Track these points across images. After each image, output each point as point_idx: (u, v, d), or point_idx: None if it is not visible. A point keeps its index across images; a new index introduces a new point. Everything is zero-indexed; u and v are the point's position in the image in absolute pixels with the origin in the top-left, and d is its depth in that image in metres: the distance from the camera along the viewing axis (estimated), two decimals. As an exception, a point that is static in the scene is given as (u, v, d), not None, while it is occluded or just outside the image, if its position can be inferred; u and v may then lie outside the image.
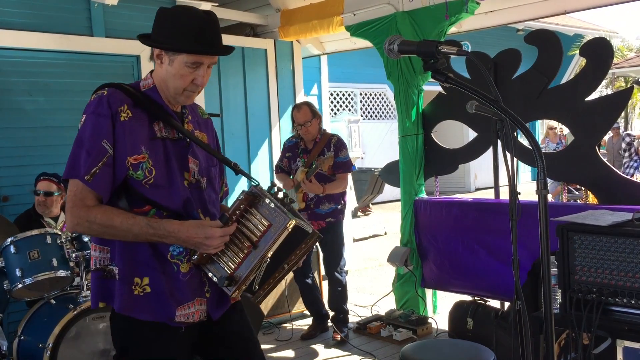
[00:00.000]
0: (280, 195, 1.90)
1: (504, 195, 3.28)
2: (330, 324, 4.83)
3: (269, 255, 1.84)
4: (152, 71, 2.02)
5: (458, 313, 4.28)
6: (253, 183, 1.96)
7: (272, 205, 1.83)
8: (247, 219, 1.87)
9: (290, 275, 4.79)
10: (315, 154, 4.59)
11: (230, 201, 2.07)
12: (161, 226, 1.84)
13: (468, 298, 4.41)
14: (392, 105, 14.51)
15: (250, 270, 1.85)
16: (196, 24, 1.88)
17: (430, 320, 4.75)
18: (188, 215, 1.93)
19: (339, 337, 4.64)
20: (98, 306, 1.95)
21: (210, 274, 1.92)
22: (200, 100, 5.23)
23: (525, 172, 16.31)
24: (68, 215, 1.85)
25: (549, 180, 2.56)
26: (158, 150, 1.92)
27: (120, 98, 1.88)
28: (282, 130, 6.10)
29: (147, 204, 1.89)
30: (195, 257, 1.89)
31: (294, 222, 1.82)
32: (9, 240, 3.47)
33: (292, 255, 1.93)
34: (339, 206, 4.64)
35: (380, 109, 14.74)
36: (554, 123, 10.21)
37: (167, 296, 1.89)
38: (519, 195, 1.64)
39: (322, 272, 5.00)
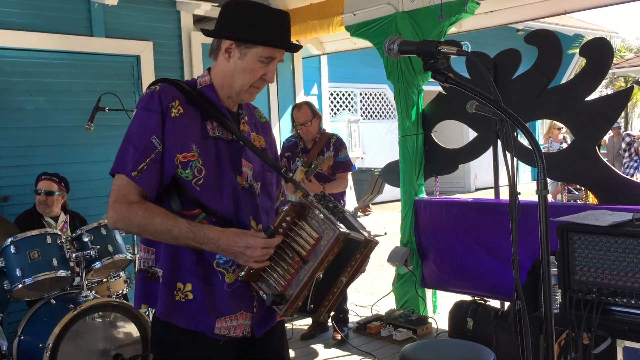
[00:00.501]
0: (331, 204, 1.78)
1: (504, 195, 3.28)
2: (330, 323, 4.83)
3: (321, 270, 1.70)
4: (209, 68, 1.94)
5: (458, 313, 4.28)
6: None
7: (322, 216, 1.71)
8: (296, 232, 1.74)
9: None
10: (315, 153, 4.60)
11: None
12: (201, 231, 1.74)
13: (468, 298, 4.41)
14: (392, 105, 14.51)
15: (302, 287, 1.71)
16: (272, 17, 1.83)
17: (430, 320, 4.75)
18: (238, 222, 1.83)
19: (339, 337, 4.64)
20: (140, 308, 1.89)
21: (261, 292, 1.80)
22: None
23: (525, 172, 16.30)
24: (110, 210, 1.77)
25: (548, 180, 2.56)
26: (209, 150, 1.83)
27: (173, 94, 1.81)
28: (282, 130, 6.10)
29: (196, 207, 1.80)
30: (243, 273, 1.77)
31: (344, 233, 1.68)
32: (9, 240, 3.47)
33: (347, 267, 1.78)
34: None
35: (380, 109, 14.73)
36: (559, 123, 10.16)
37: (207, 306, 1.80)
38: (519, 195, 1.63)
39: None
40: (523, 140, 4.46)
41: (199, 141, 1.81)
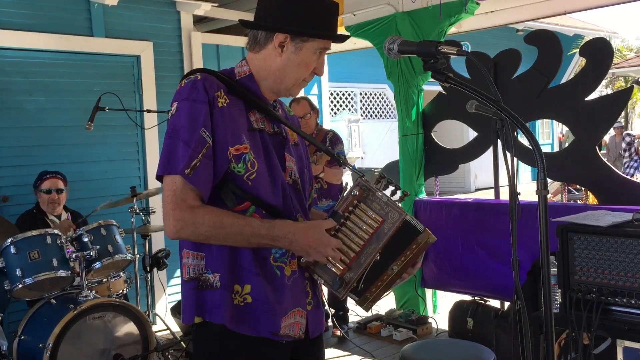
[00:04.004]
0: (389, 190, 1.72)
1: (504, 195, 3.28)
2: (330, 322, 4.83)
3: (379, 251, 1.69)
4: (245, 58, 1.81)
5: (458, 313, 4.28)
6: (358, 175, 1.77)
7: (384, 199, 1.68)
8: (357, 215, 1.70)
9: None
10: (312, 149, 4.60)
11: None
12: (275, 226, 1.64)
13: (468, 298, 4.41)
14: (392, 105, 14.50)
15: (362, 270, 1.69)
16: (326, 8, 1.73)
17: (430, 320, 4.75)
18: (287, 218, 1.74)
19: (339, 333, 4.65)
20: (193, 321, 1.68)
21: (316, 277, 1.75)
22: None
23: (525, 172, 16.29)
24: (169, 219, 1.60)
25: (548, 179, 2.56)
26: (257, 143, 1.71)
27: (217, 83, 1.67)
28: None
29: (245, 201, 1.67)
30: (304, 259, 1.72)
31: (409, 217, 1.68)
32: (9, 240, 3.46)
33: (401, 256, 1.72)
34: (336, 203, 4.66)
35: (380, 108, 14.73)
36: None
37: (271, 306, 1.68)
38: (519, 196, 1.64)
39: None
40: (523, 140, 4.46)
41: (246, 133, 1.69)
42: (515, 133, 3.58)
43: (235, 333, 1.66)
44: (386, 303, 5.14)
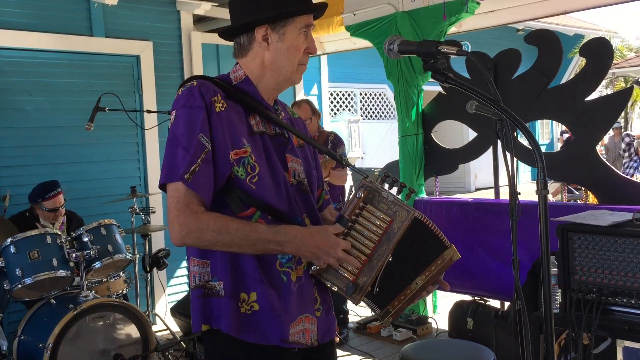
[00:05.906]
0: (394, 189, 1.69)
1: (504, 195, 3.28)
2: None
3: (391, 252, 1.64)
4: (237, 63, 1.80)
5: (458, 313, 4.28)
6: (362, 176, 1.72)
7: (391, 198, 1.65)
8: (365, 217, 1.67)
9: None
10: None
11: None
12: (281, 231, 1.61)
13: (468, 298, 4.41)
14: (392, 105, 14.49)
15: (375, 273, 1.65)
16: None
17: (430, 320, 4.75)
18: (292, 221, 1.71)
19: (337, 340, 4.64)
20: (201, 329, 1.68)
21: (328, 284, 1.71)
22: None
23: (525, 172, 16.29)
24: (174, 225, 1.58)
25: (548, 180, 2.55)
26: (258, 146, 1.69)
27: (213, 88, 1.67)
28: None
29: (251, 206, 1.65)
30: (315, 267, 1.68)
31: (418, 214, 1.63)
32: (9, 240, 3.47)
33: (426, 270, 1.67)
34: (338, 205, 4.67)
35: (380, 109, 14.72)
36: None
37: (278, 313, 1.65)
38: (519, 195, 1.63)
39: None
40: (523, 140, 4.46)
41: (247, 137, 1.68)
42: (515, 133, 3.58)
43: (243, 342, 1.65)
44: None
